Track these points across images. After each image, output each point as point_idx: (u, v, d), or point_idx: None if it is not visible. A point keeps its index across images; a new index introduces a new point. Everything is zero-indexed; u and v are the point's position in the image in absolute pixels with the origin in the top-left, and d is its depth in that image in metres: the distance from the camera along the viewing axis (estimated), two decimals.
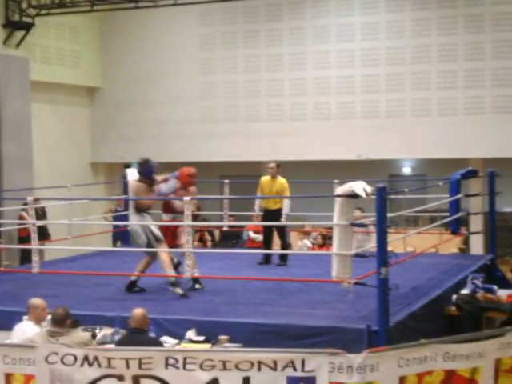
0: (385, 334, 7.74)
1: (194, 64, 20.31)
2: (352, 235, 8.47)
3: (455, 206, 11.87)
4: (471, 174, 12.46)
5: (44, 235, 15.13)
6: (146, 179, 10.20)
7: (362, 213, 13.02)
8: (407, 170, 21.09)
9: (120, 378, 5.85)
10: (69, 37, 20.21)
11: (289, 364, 5.72)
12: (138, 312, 7.39)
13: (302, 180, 18.60)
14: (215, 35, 20.13)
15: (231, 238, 18.34)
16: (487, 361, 6.00)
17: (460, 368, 5.92)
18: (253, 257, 12.67)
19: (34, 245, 10.24)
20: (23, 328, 7.63)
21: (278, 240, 12.73)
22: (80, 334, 7.30)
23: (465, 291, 10.04)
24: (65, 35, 20.10)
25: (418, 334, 7.41)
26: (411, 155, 19.62)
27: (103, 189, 20.24)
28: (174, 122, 20.37)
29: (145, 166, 10.27)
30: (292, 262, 12.25)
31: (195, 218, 10.71)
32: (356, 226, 8.74)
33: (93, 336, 7.90)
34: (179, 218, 10.14)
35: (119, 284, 10.29)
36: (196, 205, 10.77)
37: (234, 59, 19.98)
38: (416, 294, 9.57)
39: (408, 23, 18.60)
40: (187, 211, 9.38)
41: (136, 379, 5.85)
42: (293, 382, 5.73)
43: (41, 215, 15.54)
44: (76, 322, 7.78)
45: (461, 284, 10.44)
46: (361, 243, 12.37)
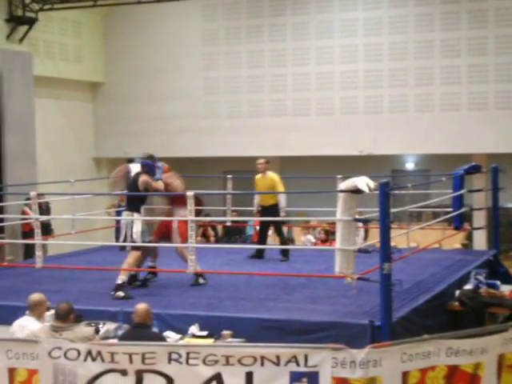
0: (388, 330, 7.72)
1: (197, 59, 20.30)
2: (355, 230, 8.47)
3: (458, 202, 11.86)
4: (474, 170, 12.45)
5: (47, 230, 15.13)
6: (150, 175, 10.11)
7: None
8: (410, 166, 21.04)
9: (123, 373, 5.85)
10: (72, 32, 20.21)
11: (292, 359, 5.71)
12: (141, 307, 7.39)
13: (305, 175, 18.58)
14: (219, 30, 20.12)
15: (234, 233, 18.38)
16: (490, 356, 5.99)
17: (463, 363, 5.90)
18: None
19: (38, 240, 10.25)
20: (24, 323, 7.62)
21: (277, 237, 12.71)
22: (83, 329, 7.32)
23: (468, 287, 10.03)
24: (68, 30, 20.10)
25: (421, 330, 7.43)
26: (414, 151, 19.59)
27: (106, 184, 20.23)
28: (178, 117, 20.37)
29: (148, 162, 10.18)
30: (295, 258, 12.23)
31: (198, 214, 10.67)
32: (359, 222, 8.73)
33: (96, 331, 7.89)
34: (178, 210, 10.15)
35: None
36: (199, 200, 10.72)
37: (238, 54, 19.97)
38: (419, 290, 9.55)
39: (411, 18, 18.57)
40: (190, 206, 9.36)
41: (139, 374, 5.85)
42: (296, 377, 5.72)
43: (44, 210, 15.56)
44: (79, 317, 7.80)
45: (464, 279, 10.42)
46: None
